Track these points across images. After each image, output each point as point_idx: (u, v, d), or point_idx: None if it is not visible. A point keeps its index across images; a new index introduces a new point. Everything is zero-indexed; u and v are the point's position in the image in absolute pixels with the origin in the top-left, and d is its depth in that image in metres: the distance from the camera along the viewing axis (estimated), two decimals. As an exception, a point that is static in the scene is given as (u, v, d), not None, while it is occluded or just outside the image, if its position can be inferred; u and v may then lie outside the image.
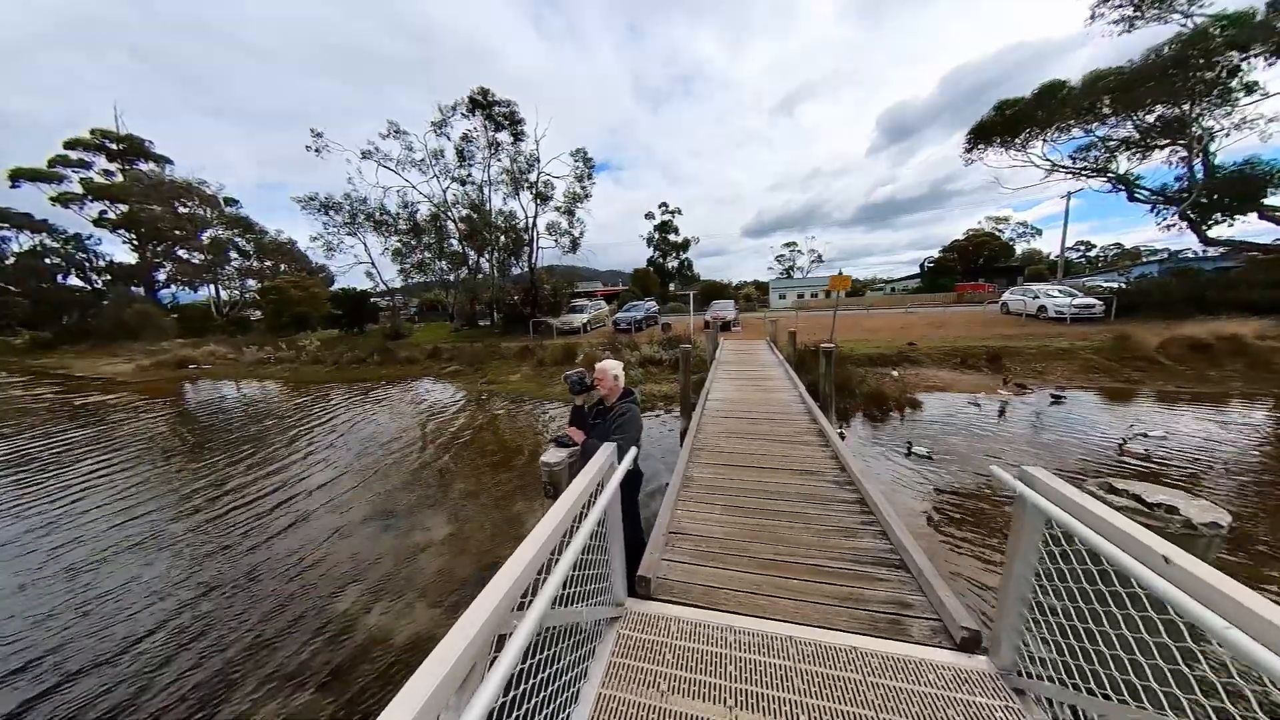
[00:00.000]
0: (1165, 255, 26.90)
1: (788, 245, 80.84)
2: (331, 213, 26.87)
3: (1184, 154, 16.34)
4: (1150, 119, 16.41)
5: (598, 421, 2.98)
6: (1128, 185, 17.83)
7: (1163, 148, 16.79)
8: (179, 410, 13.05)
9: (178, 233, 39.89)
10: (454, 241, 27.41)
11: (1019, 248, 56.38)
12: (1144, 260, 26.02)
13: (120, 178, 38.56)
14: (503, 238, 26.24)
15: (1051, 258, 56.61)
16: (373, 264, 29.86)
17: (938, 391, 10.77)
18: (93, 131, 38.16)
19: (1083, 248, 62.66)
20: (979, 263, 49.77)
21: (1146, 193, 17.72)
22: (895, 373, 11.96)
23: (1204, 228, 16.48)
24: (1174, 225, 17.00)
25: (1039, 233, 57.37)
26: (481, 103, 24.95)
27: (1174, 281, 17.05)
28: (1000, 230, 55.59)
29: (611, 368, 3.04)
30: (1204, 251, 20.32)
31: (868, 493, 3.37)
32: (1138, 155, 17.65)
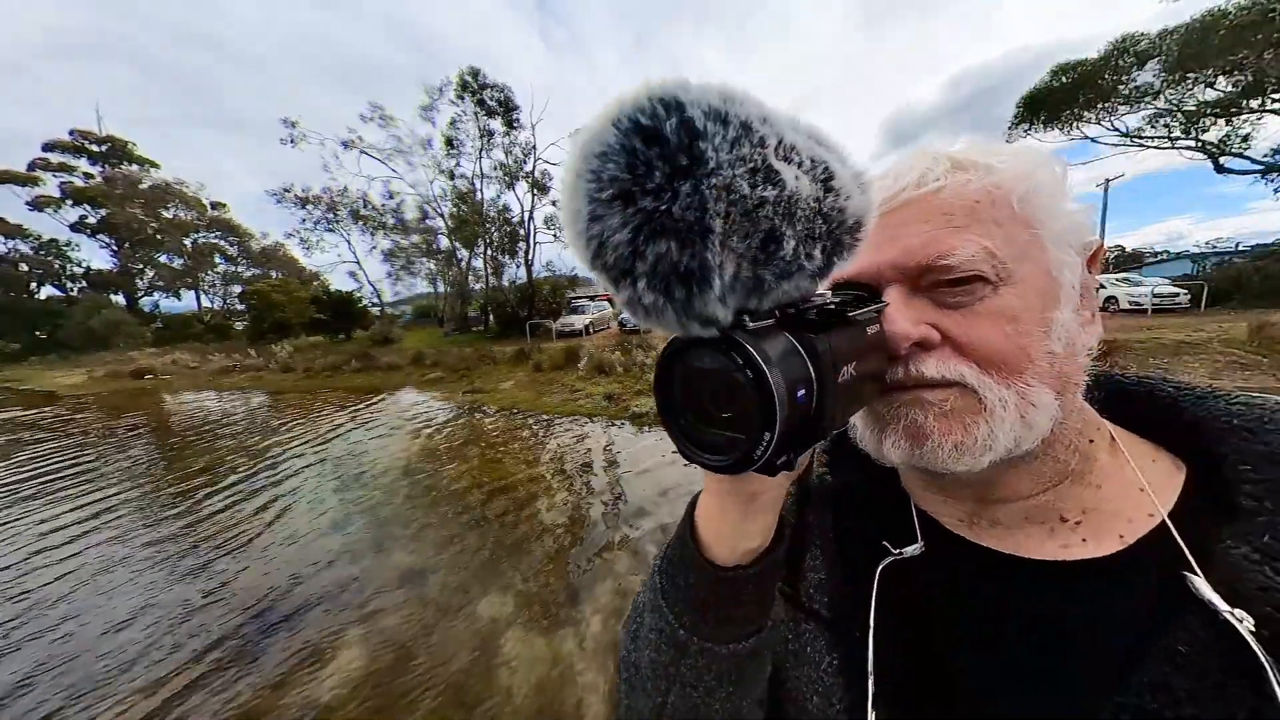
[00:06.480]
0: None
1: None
2: (309, 206, 24.68)
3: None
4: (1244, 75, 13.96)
5: None
6: (1219, 153, 15.29)
7: (1258, 111, 14.34)
8: (73, 429, 10.68)
9: (159, 237, 38.05)
10: (442, 237, 25.11)
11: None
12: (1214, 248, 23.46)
13: (100, 180, 36.79)
14: (495, 232, 23.92)
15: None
16: (357, 263, 27.64)
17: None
18: (72, 132, 36.50)
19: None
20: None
21: (1250, 160, 15.19)
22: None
23: None
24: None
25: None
26: (472, 86, 22.81)
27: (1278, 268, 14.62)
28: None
29: None
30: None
31: None
32: (1221, 119, 15.23)
